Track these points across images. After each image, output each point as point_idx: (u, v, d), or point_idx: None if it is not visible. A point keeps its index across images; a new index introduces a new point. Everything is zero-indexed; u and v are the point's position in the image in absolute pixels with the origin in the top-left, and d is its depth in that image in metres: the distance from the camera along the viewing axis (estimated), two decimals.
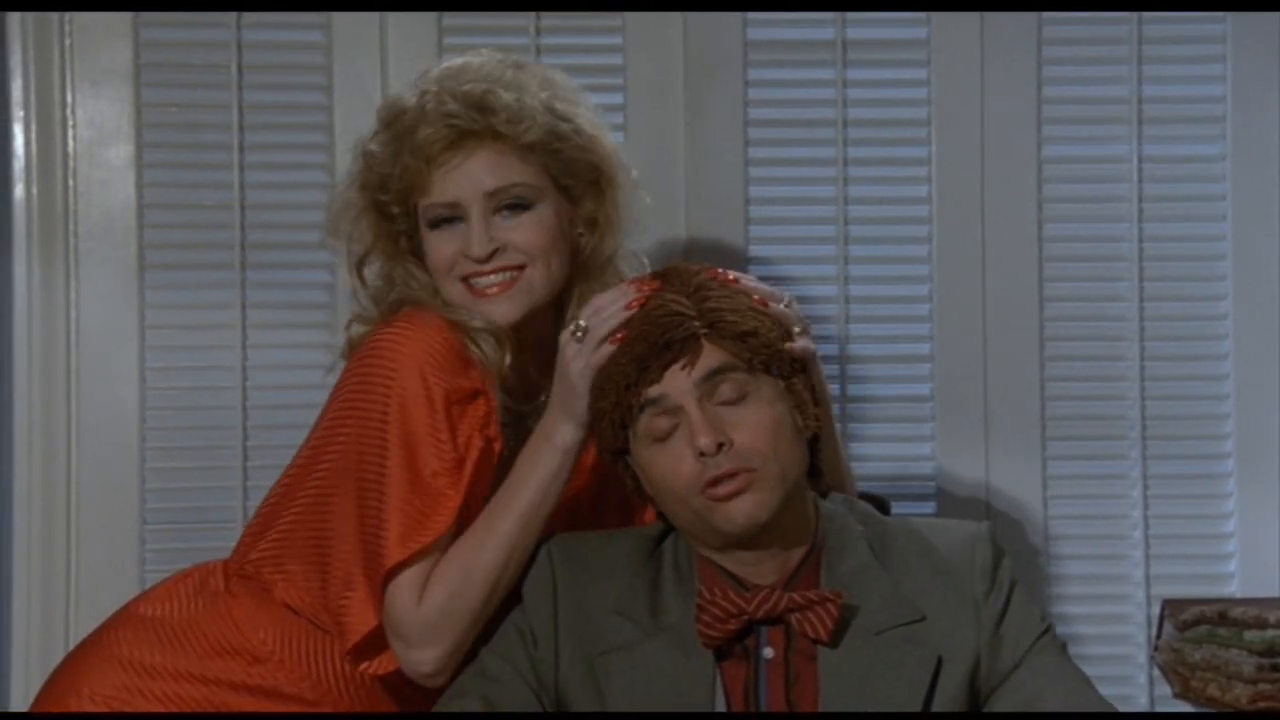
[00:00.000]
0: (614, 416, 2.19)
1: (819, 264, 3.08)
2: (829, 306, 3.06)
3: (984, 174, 3.08)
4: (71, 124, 3.03)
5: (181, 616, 2.40)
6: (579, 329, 2.24)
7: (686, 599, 2.19)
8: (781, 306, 2.24)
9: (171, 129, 3.05)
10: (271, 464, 2.68)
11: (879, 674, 2.14)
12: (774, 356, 2.18)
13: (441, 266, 2.36)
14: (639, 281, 2.26)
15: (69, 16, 3.02)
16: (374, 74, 3.04)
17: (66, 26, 3.03)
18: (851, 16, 3.08)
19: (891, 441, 3.08)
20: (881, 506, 2.48)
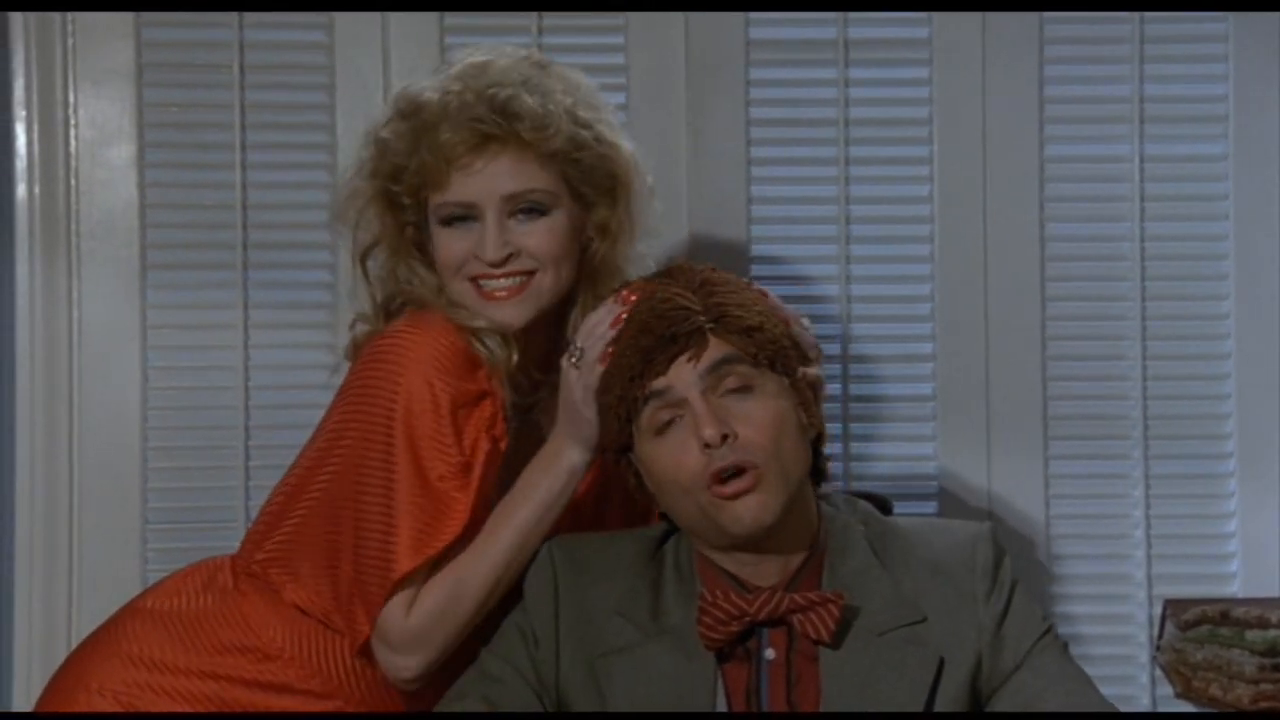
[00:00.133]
0: (619, 411, 2.19)
1: (821, 263, 3.07)
2: (831, 306, 3.06)
3: (986, 173, 3.07)
4: (73, 123, 3.03)
5: (190, 612, 2.40)
6: (575, 352, 2.25)
7: (688, 601, 2.19)
8: (801, 330, 2.25)
9: (173, 129, 3.04)
10: (274, 464, 2.68)
11: (881, 675, 2.14)
12: (779, 352, 2.18)
13: (451, 265, 2.35)
14: (624, 294, 2.26)
15: (71, 16, 3.02)
16: (376, 74, 3.03)
17: (68, 26, 3.03)
18: (853, 16, 3.07)
19: (893, 441, 3.07)
20: (883, 506, 2.48)
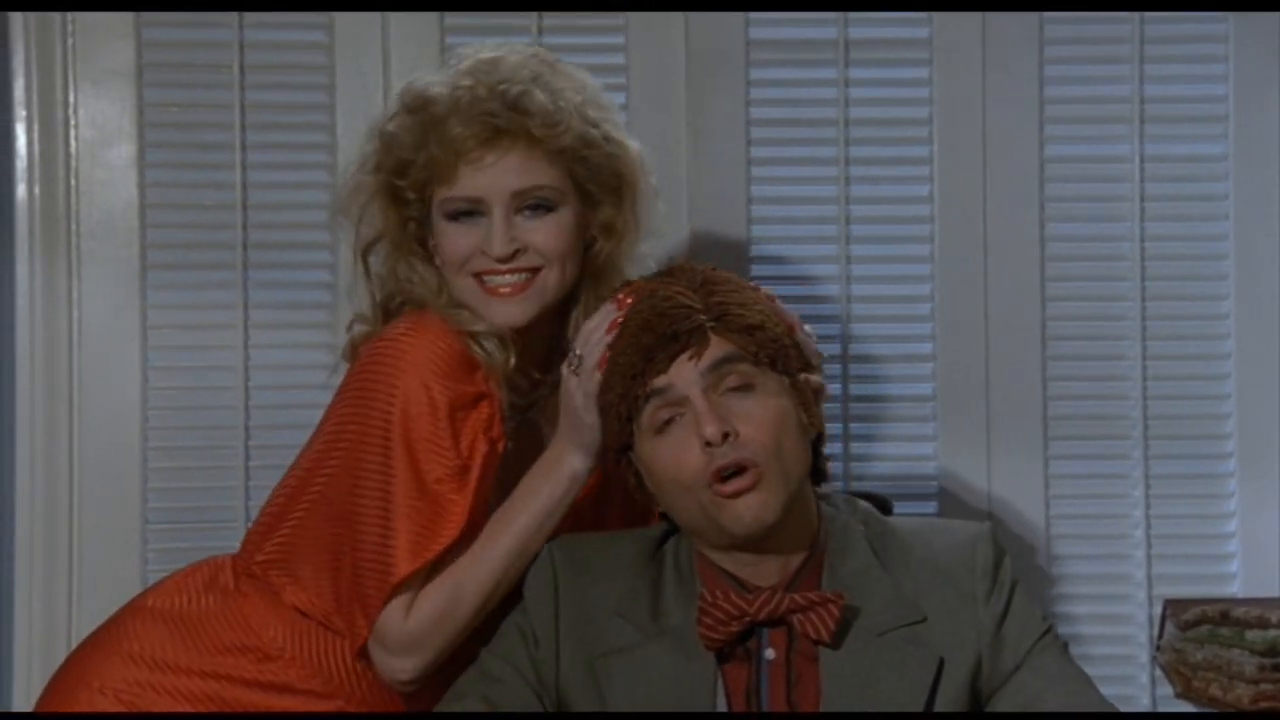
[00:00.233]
0: (620, 409, 2.19)
1: (821, 263, 3.07)
2: (831, 306, 3.06)
3: (986, 173, 3.07)
4: (73, 124, 3.03)
5: (192, 612, 2.40)
6: (575, 359, 2.25)
7: (688, 601, 2.19)
8: (805, 337, 2.26)
9: (173, 129, 3.04)
10: (273, 464, 2.68)
11: (881, 675, 2.14)
12: (780, 351, 2.18)
13: (455, 260, 2.34)
14: (620, 297, 2.26)
15: (71, 16, 3.02)
16: (376, 74, 3.03)
17: (69, 26, 3.03)
18: (853, 16, 3.07)
19: (893, 441, 3.07)
20: (883, 507, 2.48)
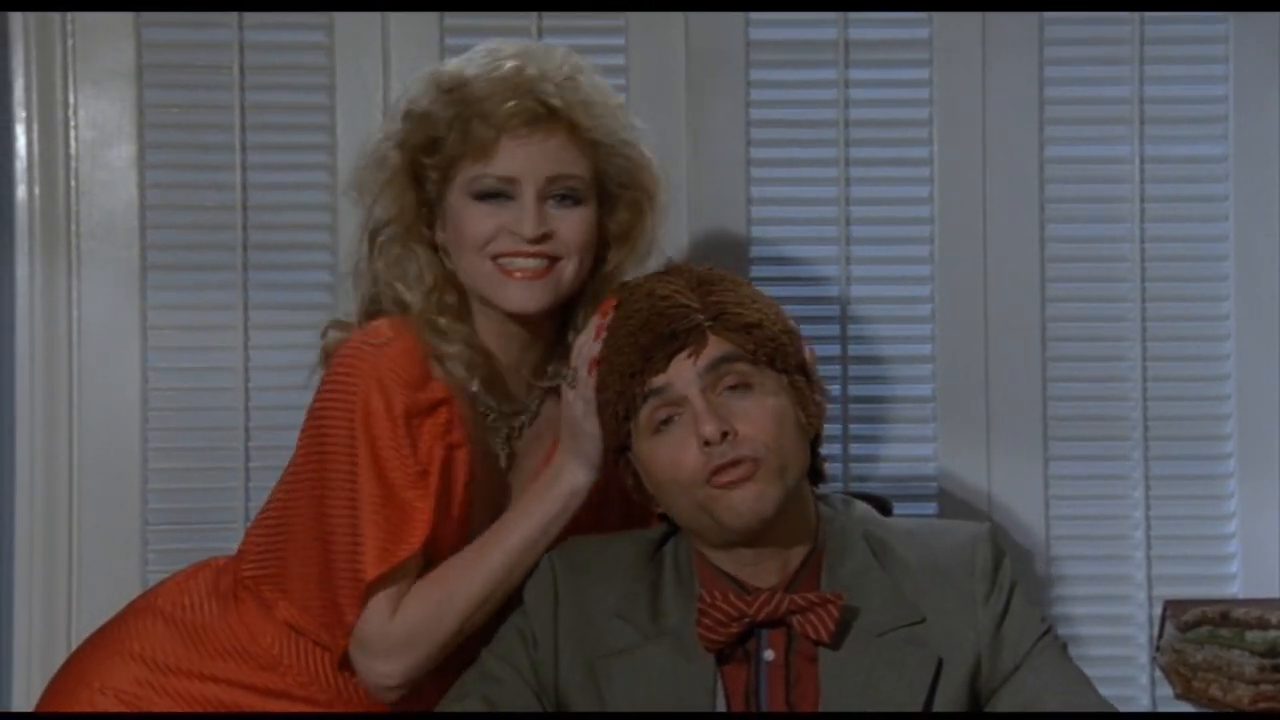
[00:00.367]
0: (617, 408, 2.19)
1: (821, 264, 3.07)
2: (830, 307, 3.06)
3: (986, 174, 3.07)
4: (73, 124, 3.03)
5: (194, 615, 2.40)
6: (570, 374, 2.27)
7: (687, 602, 2.19)
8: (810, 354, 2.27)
9: (173, 129, 3.04)
10: (273, 464, 2.68)
11: (880, 675, 2.14)
12: (778, 350, 2.18)
13: (477, 241, 2.31)
14: (603, 306, 2.26)
15: (71, 17, 3.02)
16: (376, 74, 3.04)
17: (68, 27, 3.03)
18: (854, 16, 3.07)
19: (893, 442, 3.07)
20: (882, 507, 2.48)
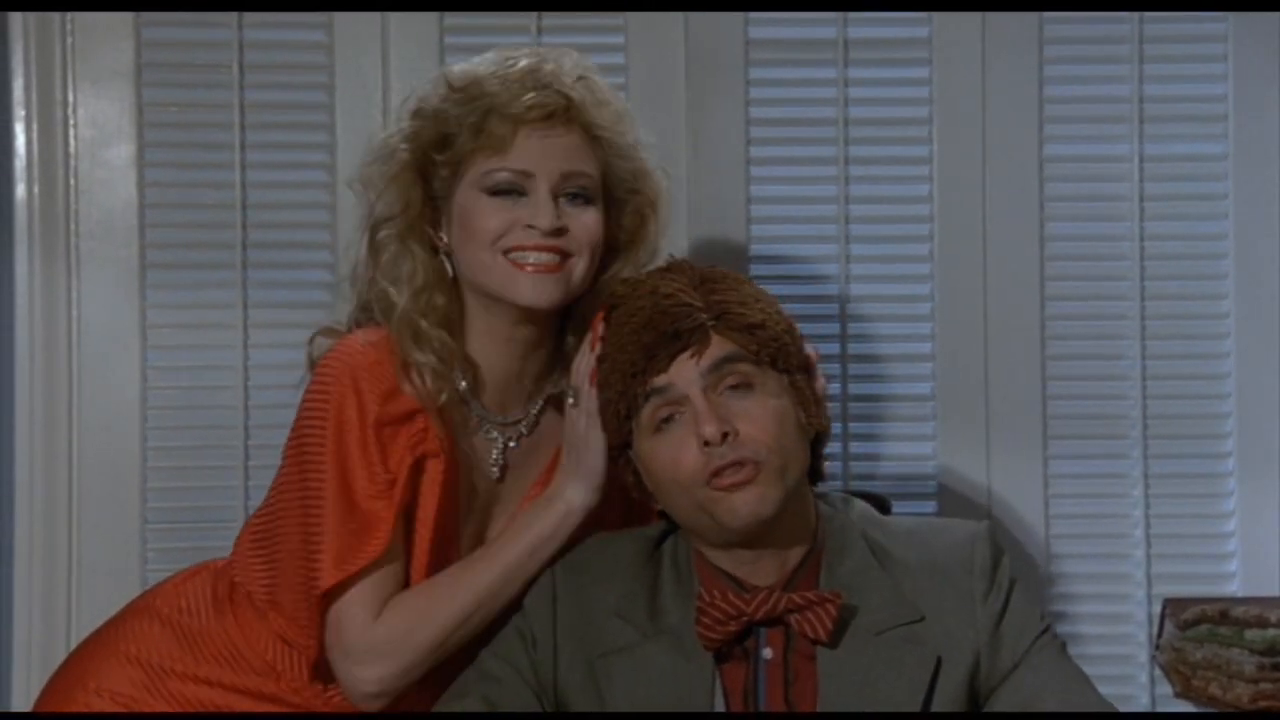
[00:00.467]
0: (619, 407, 2.19)
1: (820, 263, 3.07)
2: (831, 306, 3.06)
3: (985, 173, 3.08)
4: (73, 123, 3.03)
5: (191, 618, 2.41)
6: (570, 393, 2.27)
7: (686, 601, 2.19)
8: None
9: (173, 129, 3.05)
10: (273, 464, 2.66)
11: (878, 674, 2.14)
12: (780, 350, 2.18)
13: (489, 235, 2.30)
14: (594, 320, 2.27)
15: (70, 16, 3.02)
16: (375, 74, 3.04)
17: (68, 26, 3.03)
18: (853, 16, 3.07)
19: (892, 441, 3.08)
20: (882, 506, 2.48)
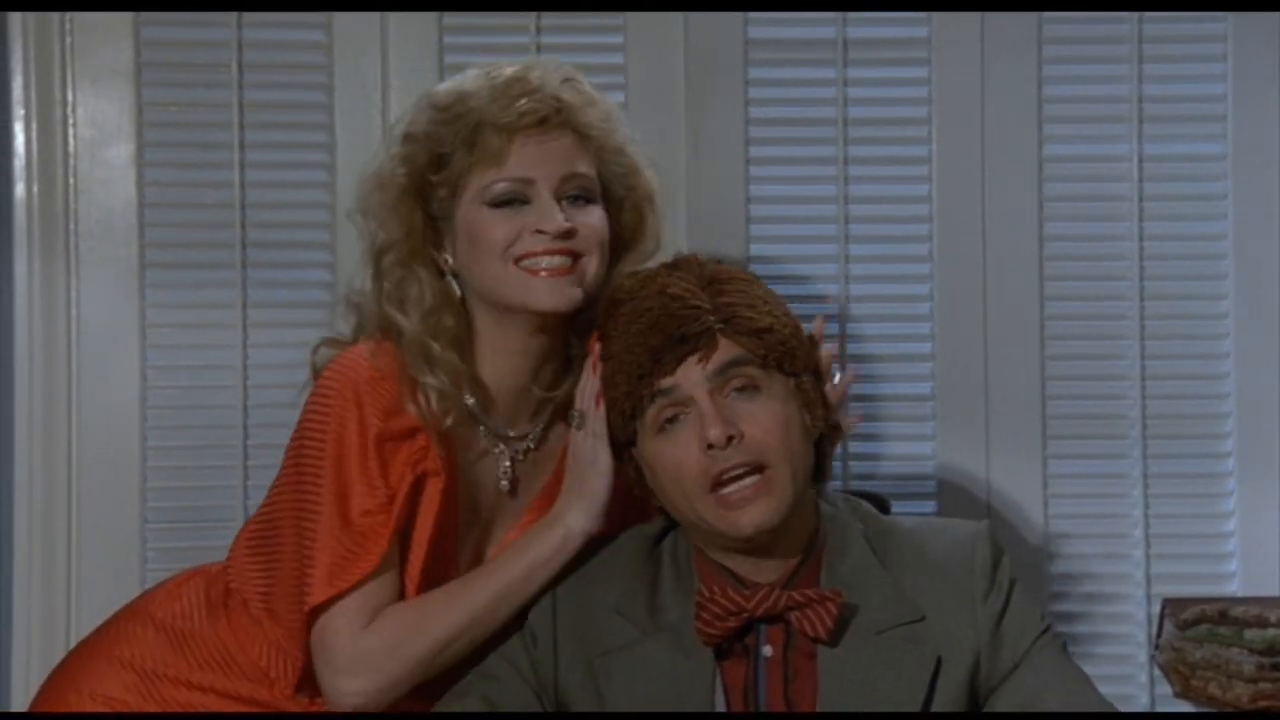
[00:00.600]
0: (624, 406, 2.19)
1: (820, 263, 3.07)
2: (831, 306, 3.06)
3: (985, 173, 3.08)
4: (72, 123, 3.03)
5: (185, 623, 2.41)
6: (577, 416, 2.26)
7: (685, 598, 2.19)
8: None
9: (172, 128, 3.05)
10: (273, 464, 2.66)
11: (878, 673, 2.14)
12: (787, 354, 2.18)
13: (498, 246, 2.29)
14: (590, 344, 2.26)
15: (70, 16, 3.02)
16: (375, 74, 3.04)
17: (67, 25, 3.03)
18: (852, 16, 3.07)
19: (892, 440, 3.08)
20: (881, 506, 2.48)
